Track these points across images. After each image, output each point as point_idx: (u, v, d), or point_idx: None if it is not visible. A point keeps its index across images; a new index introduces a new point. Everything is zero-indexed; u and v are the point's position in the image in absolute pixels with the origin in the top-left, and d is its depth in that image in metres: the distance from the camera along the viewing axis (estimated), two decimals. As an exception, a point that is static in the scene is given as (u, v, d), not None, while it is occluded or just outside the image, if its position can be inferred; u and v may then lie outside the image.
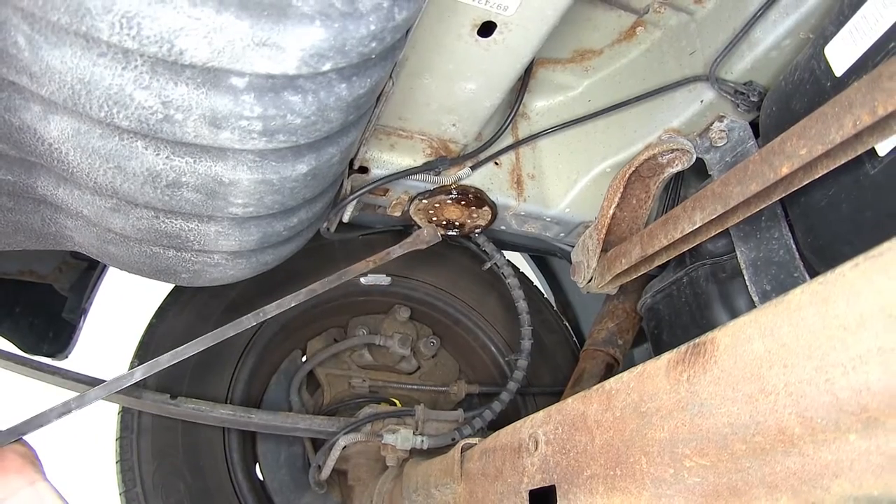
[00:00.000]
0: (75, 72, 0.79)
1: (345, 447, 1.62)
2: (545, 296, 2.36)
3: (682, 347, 0.68)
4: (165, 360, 1.25)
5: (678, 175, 1.58)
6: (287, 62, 0.72)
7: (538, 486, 0.90)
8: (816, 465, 0.56)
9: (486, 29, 1.11)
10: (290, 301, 1.39)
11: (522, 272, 2.31)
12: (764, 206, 1.08)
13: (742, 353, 0.60)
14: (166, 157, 0.89)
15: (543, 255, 2.69)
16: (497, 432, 1.05)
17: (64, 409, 1.14)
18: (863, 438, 0.53)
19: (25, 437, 1.04)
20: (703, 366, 0.64)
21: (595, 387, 0.81)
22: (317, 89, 0.79)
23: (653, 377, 0.71)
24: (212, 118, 0.79)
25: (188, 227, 1.04)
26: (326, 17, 0.69)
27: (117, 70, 0.78)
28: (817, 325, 0.54)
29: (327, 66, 0.74)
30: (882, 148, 0.94)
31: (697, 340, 0.66)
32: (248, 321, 1.33)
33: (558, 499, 0.85)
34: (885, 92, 0.79)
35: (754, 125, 1.37)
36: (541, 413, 0.93)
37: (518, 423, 0.99)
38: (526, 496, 0.92)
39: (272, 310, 1.37)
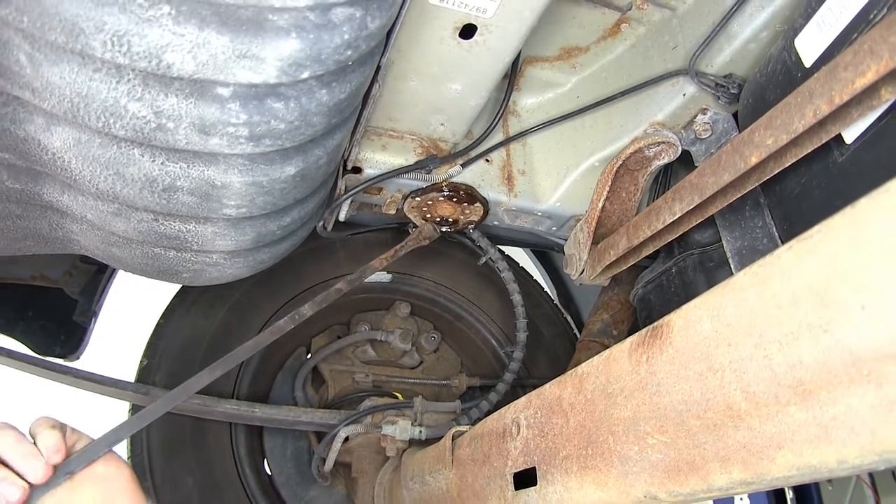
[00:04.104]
0: (73, 86, 0.84)
1: (347, 439, 1.67)
2: (545, 290, 2.40)
3: (643, 331, 0.72)
4: (207, 374, 1.26)
5: (667, 167, 1.62)
6: (267, 72, 0.77)
7: (521, 469, 0.94)
8: (762, 438, 0.60)
9: (468, 31, 1.15)
10: (321, 301, 1.44)
11: (522, 267, 2.35)
12: (739, 195, 1.12)
13: (693, 333, 0.64)
14: (161, 164, 0.94)
15: (544, 250, 2.73)
16: (485, 419, 1.10)
17: (114, 438, 0.99)
18: (801, 410, 0.57)
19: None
20: (660, 347, 0.68)
21: (569, 371, 0.86)
22: (298, 96, 0.83)
23: (618, 360, 0.75)
24: (201, 126, 0.84)
25: (186, 228, 1.09)
26: (301, 30, 0.74)
27: (112, 84, 0.83)
28: (757, 304, 0.58)
29: (306, 74, 0.79)
30: (849, 136, 0.98)
31: (656, 324, 0.70)
32: (287, 324, 1.36)
33: (538, 479, 0.89)
34: (840, 82, 0.82)
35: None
36: (522, 399, 0.97)
37: (503, 410, 1.03)
38: (510, 479, 0.97)
39: (307, 311, 1.42)
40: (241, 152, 0.89)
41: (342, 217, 1.54)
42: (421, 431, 1.60)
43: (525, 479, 0.93)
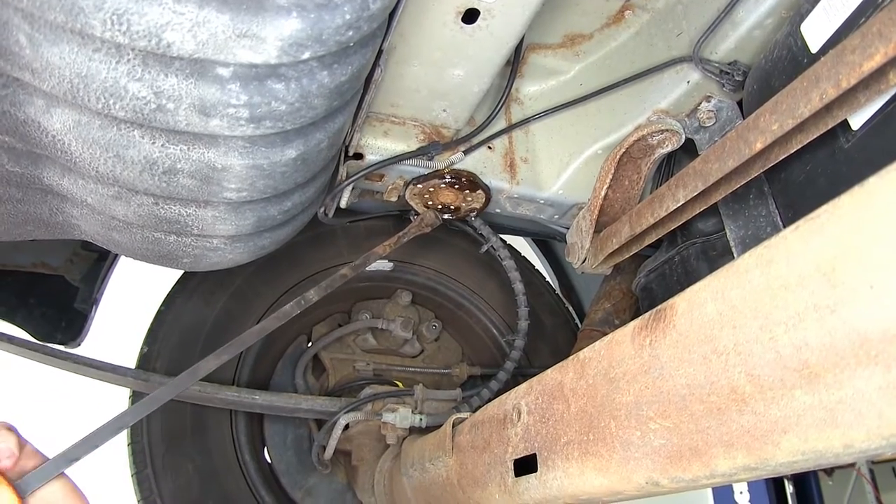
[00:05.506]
0: (73, 67, 0.83)
1: (347, 427, 1.67)
2: (547, 279, 2.39)
3: (647, 314, 0.71)
4: (214, 359, 1.23)
5: (671, 155, 1.61)
6: (268, 52, 0.76)
7: (521, 455, 0.94)
8: (767, 422, 0.60)
9: (470, 16, 1.14)
10: (326, 287, 1.43)
11: (524, 256, 2.34)
12: (743, 182, 1.11)
13: (697, 316, 0.64)
14: (161, 146, 0.94)
15: (546, 240, 2.72)
16: (485, 406, 1.09)
17: (119, 424, 0.97)
18: (807, 394, 0.56)
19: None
20: (664, 330, 0.67)
21: (571, 357, 0.85)
22: (299, 77, 0.83)
23: (620, 344, 0.74)
24: (201, 106, 0.84)
25: (186, 212, 1.08)
26: (302, 9, 0.73)
27: (112, 64, 0.82)
28: (762, 285, 0.57)
29: (307, 55, 0.78)
30: (855, 122, 0.97)
31: (659, 307, 0.69)
32: (293, 309, 1.36)
33: (539, 466, 0.89)
34: (848, 65, 0.81)
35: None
36: (524, 385, 0.97)
37: (504, 396, 1.03)
38: (511, 465, 0.96)
39: (313, 296, 1.41)
40: (242, 134, 0.89)
41: (343, 204, 1.54)
42: (421, 419, 1.59)
43: (525, 465, 0.93)
